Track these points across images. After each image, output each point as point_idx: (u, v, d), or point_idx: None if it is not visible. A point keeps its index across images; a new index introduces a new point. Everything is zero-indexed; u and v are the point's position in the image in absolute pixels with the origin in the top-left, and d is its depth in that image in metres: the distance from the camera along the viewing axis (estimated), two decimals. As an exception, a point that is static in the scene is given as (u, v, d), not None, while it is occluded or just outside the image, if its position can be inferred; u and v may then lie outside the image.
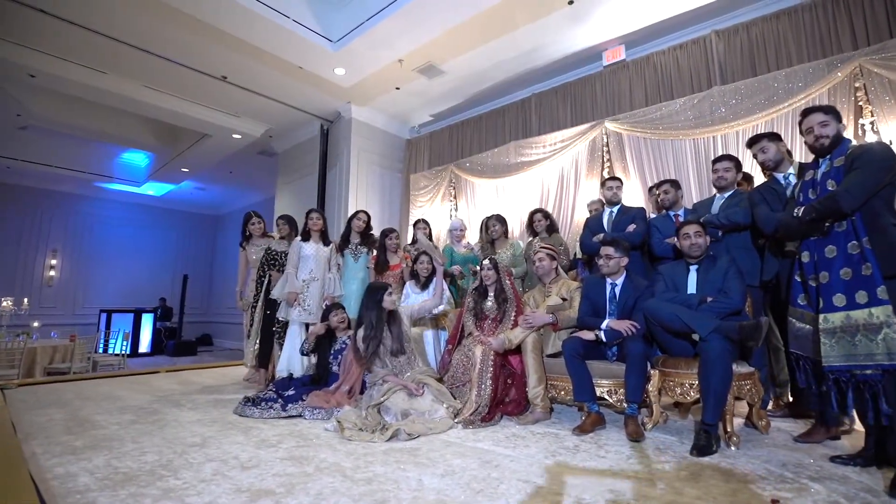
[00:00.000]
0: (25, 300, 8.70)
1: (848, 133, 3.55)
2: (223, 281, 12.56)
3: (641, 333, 2.72)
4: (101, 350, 7.77)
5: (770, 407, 2.97)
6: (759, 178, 3.75)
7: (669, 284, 2.81)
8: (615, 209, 3.62)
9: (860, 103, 3.65)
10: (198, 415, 3.18)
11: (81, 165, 9.66)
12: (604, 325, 2.82)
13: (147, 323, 10.91)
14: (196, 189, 11.19)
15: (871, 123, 3.59)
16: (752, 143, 2.76)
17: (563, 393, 3.01)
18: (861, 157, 2.05)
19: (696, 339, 2.53)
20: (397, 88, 6.58)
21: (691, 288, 2.74)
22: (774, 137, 2.71)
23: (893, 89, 3.52)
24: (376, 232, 4.50)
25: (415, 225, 4.64)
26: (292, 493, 1.82)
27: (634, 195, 4.71)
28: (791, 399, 2.93)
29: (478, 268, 4.17)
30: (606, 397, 2.82)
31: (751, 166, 3.69)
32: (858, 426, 2.54)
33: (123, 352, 7.57)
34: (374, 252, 4.35)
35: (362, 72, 6.05)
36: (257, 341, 4.22)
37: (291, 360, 3.90)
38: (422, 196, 6.80)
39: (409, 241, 4.80)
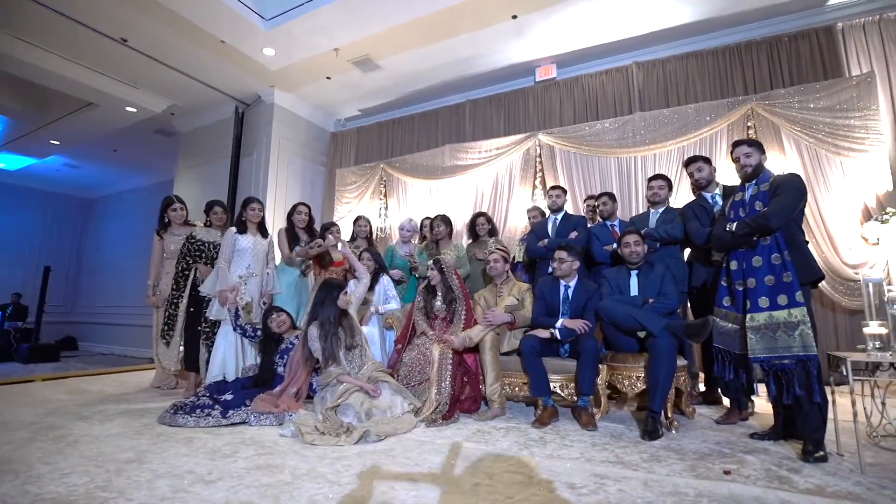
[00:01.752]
0: None
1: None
2: (94, 274, 10.86)
3: (592, 331, 2.96)
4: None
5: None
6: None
7: (614, 287, 3.10)
8: (559, 216, 3.87)
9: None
10: (115, 427, 2.74)
11: None
12: (558, 324, 3.01)
13: (-10, 323, 9.00)
14: (66, 166, 9.53)
15: (758, 157, 4.30)
16: (689, 162, 3.17)
17: (515, 389, 3.15)
18: (783, 185, 2.47)
19: (642, 336, 2.84)
20: (328, 78, 6.31)
21: (633, 291, 3.05)
22: (708, 160, 3.14)
23: (774, 130, 4.28)
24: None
25: (355, 222, 4.49)
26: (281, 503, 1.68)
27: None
28: (704, 388, 3.39)
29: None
30: (558, 391, 3.00)
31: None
32: (759, 409, 3.05)
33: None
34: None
35: (293, 56, 5.70)
36: (181, 343, 3.75)
37: (226, 362, 3.51)
38: (349, 192, 6.59)
39: (349, 237, 4.63)
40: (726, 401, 3.27)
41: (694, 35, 5.08)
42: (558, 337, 2.99)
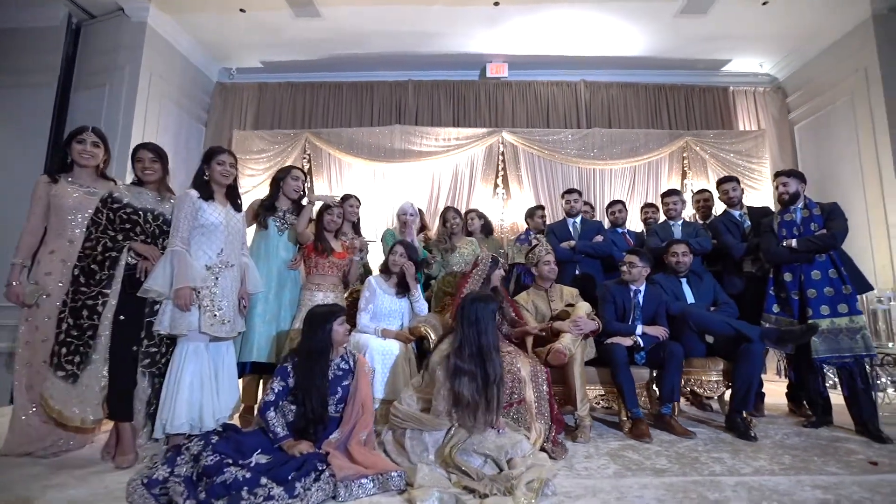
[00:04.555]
0: None
1: (675, 187, 4.90)
2: None
3: (669, 337, 2.98)
4: None
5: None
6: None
7: (669, 294, 3.19)
8: (577, 220, 3.80)
9: (685, 168, 5.13)
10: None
11: None
12: (639, 331, 2.93)
13: None
14: None
15: (691, 183, 5.09)
16: (725, 181, 3.54)
17: (594, 402, 2.94)
18: (835, 211, 2.95)
19: (710, 340, 3.00)
20: (242, 10, 4.81)
21: (690, 298, 3.19)
22: (738, 181, 3.54)
23: (702, 162, 5.13)
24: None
25: (343, 200, 3.50)
26: None
27: (524, 208, 5.00)
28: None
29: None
30: (634, 400, 2.92)
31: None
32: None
33: None
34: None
35: (214, -36, 4.16)
36: (104, 371, 2.22)
37: (192, 400, 2.22)
38: (256, 162, 5.15)
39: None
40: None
41: (632, 68, 5.67)
42: (641, 344, 2.90)
